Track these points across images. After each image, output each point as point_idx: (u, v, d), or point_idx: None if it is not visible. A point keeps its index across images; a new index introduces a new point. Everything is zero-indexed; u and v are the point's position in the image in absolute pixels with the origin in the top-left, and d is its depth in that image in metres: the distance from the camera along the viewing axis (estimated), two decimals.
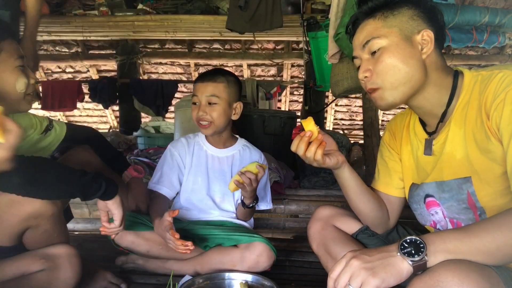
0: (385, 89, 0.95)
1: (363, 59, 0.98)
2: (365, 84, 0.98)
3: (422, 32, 0.93)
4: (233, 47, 5.65)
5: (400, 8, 0.95)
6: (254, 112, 2.62)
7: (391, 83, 0.94)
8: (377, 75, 0.94)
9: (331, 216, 1.22)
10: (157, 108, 4.90)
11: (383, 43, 0.94)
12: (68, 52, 5.75)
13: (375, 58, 0.95)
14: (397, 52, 0.92)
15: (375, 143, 2.31)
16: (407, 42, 0.93)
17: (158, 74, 6.24)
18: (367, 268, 0.73)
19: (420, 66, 0.93)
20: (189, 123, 2.22)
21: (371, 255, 0.75)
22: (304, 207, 1.83)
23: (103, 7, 3.95)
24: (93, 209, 1.92)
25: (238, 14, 3.29)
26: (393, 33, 0.93)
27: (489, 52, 5.24)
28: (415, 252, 0.72)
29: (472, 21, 3.67)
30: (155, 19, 3.92)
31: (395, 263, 0.73)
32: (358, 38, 0.99)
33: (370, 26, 0.97)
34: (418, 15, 0.95)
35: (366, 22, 0.98)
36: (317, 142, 0.99)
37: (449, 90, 0.95)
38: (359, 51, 0.99)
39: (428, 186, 1.04)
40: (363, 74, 0.97)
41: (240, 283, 1.22)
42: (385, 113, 6.40)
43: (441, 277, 0.69)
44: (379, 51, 0.94)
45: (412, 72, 0.93)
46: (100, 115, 6.93)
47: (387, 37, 0.93)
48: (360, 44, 0.98)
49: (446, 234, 0.75)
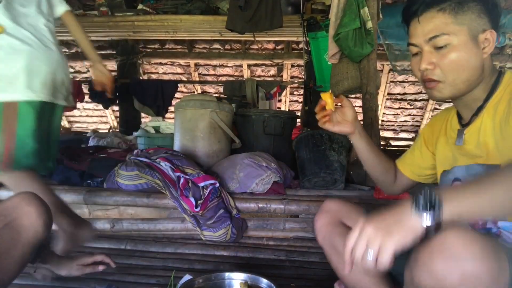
0: (446, 84, 0.97)
1: (426, 51, 0.98)
2: (425, 74, 0.99)
3: (487, 32, 0.95)
4: (233, 47, 5.65)
5: (469, 3, 0.95)
6: (254, 112, 2.62)
7: (453, 79, 0.96)
8: (441, 70, 0.96)
9: (339, 211, 1.22)
10: (157, 108, 4.90)
11: (453, 41, 0.94)
12: (68, 52, 5.74)
13: (441, 53, 0.96)
14: (465, 51, 0.94)
15: (375, 143, 2.31)
16: (474, 41, 0.94)
17: (158, 74, 6.24)
18: (382, 230, 0.72)
19: (481, 66, 0.96)
20: (189, 123, 2.22)
21: (384, 217, 0.75)
22: (304, 207, 1.83)
23: (103, 7, 3.95)
24: (93, 209, 1.93)
25: (238, 14, 3.30)
26: (463, 32, 0.94)
27: None
28: (430, 209, 0.71)
29: None
30: (155, 19, 3.92)
31: (409, 221, 0.72)
32: (423, 29, 0.97)
33: (439, 20, 0.95)
34: (484, 12, 0.95)
35: (433, 14, 0.96)
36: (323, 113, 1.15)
37: (490, 87, 0.99)
38: (421, 41, 0.98)
39: (458, 169, 1.08)
40: (426, 66, 0.97)
41: (240, 283, 1.22)
42: (385, 113, 6.40)
43: (447, 241, 0.69)
44: (446, 47, 0.95)
45: (473, 72, 0.96)
46: (100, 115, 6.93)
47: (456, 35, 0.94)
48: (425, 35, 0.97)
49: (462, 190, 0.75)
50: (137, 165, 1.86)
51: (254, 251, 1.74)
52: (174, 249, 1.76)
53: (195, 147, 2.19)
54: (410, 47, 1.03)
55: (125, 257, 1.67)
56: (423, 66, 0.98)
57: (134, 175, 1.85)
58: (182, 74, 6.21)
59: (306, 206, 1.83)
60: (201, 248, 1.75)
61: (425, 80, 1.00)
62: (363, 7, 2.30)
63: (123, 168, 1.89)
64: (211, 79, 6.21)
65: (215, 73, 6.15)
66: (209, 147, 2.20)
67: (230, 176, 1.95)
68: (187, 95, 4.95)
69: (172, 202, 1.77)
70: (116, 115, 6.65)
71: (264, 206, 1.82)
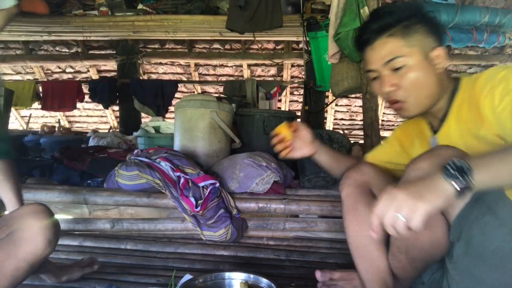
0: (411, 103, 1.05)
1: (385, 74, 1.05)
2: (390, 96, 1.06)
3: (437, 49, 1.02)
4: (233, 47, 5.65)
5: (415, 26, 1.02)
6: (254, 112, 2.62)
7: (416, 98, 1.04)
8: (403, 90, 1.03)
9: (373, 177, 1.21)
10: (157, 108, 4.90)
11: (408, 62, 1.01)
12: (68, 52, 5.75)
13: (400, 74, 1.03)
14: (421, 70, 1.01)
15: (375, 143, 2.30)
16: (427, 59, 1.02)
17: (158, 74, 6.24)
18: (413, 194, 0.73)
19: (438, 81, 1.04)
20: (189, 123, 2.22)
21: (414, 183, 0.76)
22: (304, 207, 1.83)
23: (103, 7, 3.95)
24: (93, 209, 1.93)
25: (238, 14, 3.30)
26: (415, 52, 1.01)
27: (489, 52, 5.23)
28: (460, 176, 0.73)
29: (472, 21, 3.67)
30: (155, 19, 3.92)
31: (441, 186, 0.74)
32: (377, 55, 1.05)
33: (391, 45, 1.02)
34: (430, 32, 1.03)
35: (385, 40, 1.03)
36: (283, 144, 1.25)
37: (450, 95, 1.06)
38: (379, 66, 1.05)
39: None
40: (389, 88, 1.04)
41: (240, 283, 1.22)
42: (385, 113, 6.41)
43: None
44: (403, 68, 1.02)
45: (433, 87, 1.03)
46: (100, 115, 6.93)
47: (410, 56, 1.01)
48: (381, 60, 1.04)
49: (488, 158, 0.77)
50: (137, 165, 1.86)
51: (254, 251, 1.74)
52: (174, 248, 1.76)
53: (195, 147, 2.19)
54: (369, 73, 1.11)
55: (125, 256, 1.68)
56: (386, 89, 1.05)
57: (134, 175, 1.85)
58: (182, 74, 6.21)
59: (306, 206, 1.83)
60: (201, 247, 1.75)
61: (391, 101, 1.07)
62: (363, 6, 2.29)
63: (123, 168, 1.89)
64: (211, 79, 6.21)
65: (215, 73, 6.15)
66: (209, 147, 2.20)
67: (230, 176, 1.95)
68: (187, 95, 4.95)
69: (172, 202, 1.77)
70: (116, 115, 6.65)
71: (264, 206, 1.82)
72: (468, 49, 5.31)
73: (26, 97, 5.23)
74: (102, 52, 5.71)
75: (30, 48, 5.64)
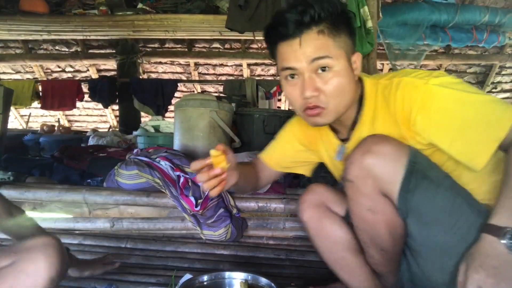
0: (330, 110, 0.97)
1: (308, 76, 0.94)
2: (310, 102, 0.96)
3: (355, 54, 0.98)
4: (233, 46, 5.64)
5: (341, 26, 0.95)
6: (254, 111, 2.62)
7: (336, 105, 0.97)
8: (326, 96, 0.95)
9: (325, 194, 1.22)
10: (157, 108, 4.90)
11: (334, 65, 0.94)
12: (68, 51, 5.74)
13: (324, 79, 0.94)
14: (345, 76, 0.95)
15: None
16: (349, 65, 0.97)
17: (157, 73, 6.24)
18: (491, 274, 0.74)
19: (354, 87, 1.00)
20: (189, 122, 2.22)
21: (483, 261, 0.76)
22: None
23: (103, 6, 3.95)
24: (92, 208, 1.92)
25: (238, 13, 3.29)
26: (342, 56, 0.95)
27: (489, 52, 5.24)
28: None
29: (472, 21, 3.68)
30: (155, 19, 3.92)
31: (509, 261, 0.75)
32: (304, 50, 0.92)
33: (321, 42, 0.92)
34: (350, 35, 0.97)
35: (314, 36, 0.92)
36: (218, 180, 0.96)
37: (358, 102, 1.03)
38: (303, 64, 0.93)
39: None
40: (311, 93, 0.94)
41: (240, 282, 1.22)
42: None
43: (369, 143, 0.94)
44: (328, 71, 0.94)
45: (352, 95, 0.99)
46: (100, 114, 6.92)
47: (338, 59, 0.94)
48: (306, 58, 0.93)
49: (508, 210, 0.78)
50: (137, 164, 1.86)
51: (254, 250, 1.74)
52: (174, 248, 1.76)
53: (195, 146, 2.19)
54: (283, 72, 0.98)
55: (125, 256, 1.68)
56: (308, 93, 0.94)
57: (134, 174, 1.85)
58: (182, 73, 6.21)
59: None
60: (201, 247, 1.75)
61: (309, 107, 0.97)
62: (363, 6, 2.29)
63: (123, 167, 1.89)
64: (211, 78, 6.20)
65: (215, 72, 6.15)
66: (209, 147, 2.20)
67: None
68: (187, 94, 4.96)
69: (172, 201, 1.77)
70: (116, 114, 6.64)
71: (264, 205, 1.82)
72: (468, 48, 5.31)
73: (25, 96, 5.23)
74: (101, 51, 5.71)
75: (29, 47, 5.64)
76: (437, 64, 5.59)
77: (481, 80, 5.85)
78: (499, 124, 0.83)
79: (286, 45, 0.95)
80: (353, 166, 0.93)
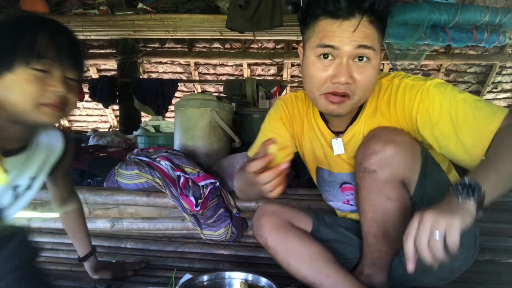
0: (354, 100, 0.97)
1: (347, 62, 0.92)
2: (340, 88, 0.94)
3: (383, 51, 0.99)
4: (233, 46, 5.64)
5: (385, 23, 0.95)
6: (254, 111, 2.62)
7: (360, 97, 0.97)
8: (357, 86, 0.94)
9: (283, 212, 1.19)
10: (157, 107, 4.90)
11: (374, 58, 0.93)
12: None
13: (360, 68, 0.92)
14: (377, 71, 0.97)
15: None
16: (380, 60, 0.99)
17: (158, 73, 6.24)
18: (445, 212, 0.72)
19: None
20: (189, 122, 2.22)
21: (438, 207, 0.75)
22: (304, 206, 1.83)
23: (103, 6, 3.95)
24: (93, 208, 1.92)
25: (238, 13, 3.29)
26: (379, 51, 0.95)
27: (489, 52, 5.23)
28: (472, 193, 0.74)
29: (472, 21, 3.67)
30: (155, 18, 3.91)
31: (463, 206, 0.73)
32: (354, 34, 0.89)
33: (370, 32, 0.91)
34: (383, 31, 0.96)
35: (366, 24, 0.90)
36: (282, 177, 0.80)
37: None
38: (349, 47, 0.90)
39: (346, 176, 1.17)
40: (347, 79, 0.92)
41: (240, 282, 1.22)
42: None
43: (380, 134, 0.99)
44: (367, 62, 0.93)
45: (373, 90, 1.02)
46: (100, 114, 6.92)
47: (377, 53, 0.94)
48: (355, 42, 0.90)
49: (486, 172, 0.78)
50: (137, 164, 1.86)
51: (254, 250, 1.74)
52: (174, 248, 1.76)
53: (195, 146, 2.19)
54: (319, 49, 0.93)
55: (125, 256, 1.68)
56: (344, 79, 0.91)
57: (134, 174, 1.85)
58: (182, 73, 6.21)
59: (307, 205, 1.83)
60: (201, 247, 1.75)
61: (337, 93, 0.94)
62: None
63: (123, 167, 1.89)
64: (211, 78, 6.20)
65: (215, 72, 6.15)
66: (209, 146, 2.20)
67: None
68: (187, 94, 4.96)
69: (172, 201, 1.77)
70: (116, 114, 6.64)
71: None
72: (468, 48, 5.30)
73: None
74: (102, 51, 5.71)
75: None
76: (438, 64, 5.58)
77: (481, 80, 5.85)
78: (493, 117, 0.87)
79: (334, 23, 0.91)
80: (375, 156, 0.95)
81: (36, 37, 0.85)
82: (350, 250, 1.21)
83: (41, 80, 0.86)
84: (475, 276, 1.42)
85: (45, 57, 0.86)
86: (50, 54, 0.87)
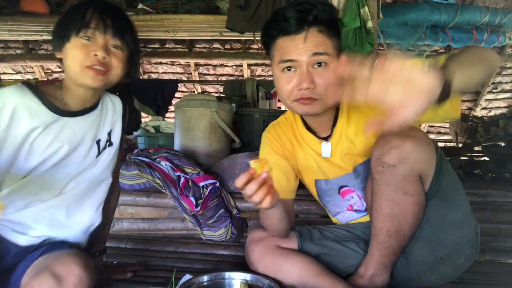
0: (322, 101, 1.06)
1: (306, 69, 1.03)
2: (305, 93, 1.05)
3: (343, 55, 1.07)
4: (233, 46, 5.64)
5: (335, 28, 1.06)
6: (254, 111, 2.62)
7: (327, 98, 1.06)
8: (321, 89, 1.04)
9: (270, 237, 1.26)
10: (157, 108, 4.89)
11: (330, 62, 1.04)
12: None
13: (319, 73, 1.04)
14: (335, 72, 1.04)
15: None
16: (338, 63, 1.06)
17: (158, 73, 6.24)
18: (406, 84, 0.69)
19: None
20: (189, 123, 2.22)
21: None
22: (304, 207, 1.83)
23: None
24: None
25: (238, 13, 3.29)
26: (335, 55, 1.06)
27: None
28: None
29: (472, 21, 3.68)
30: (155, 19, 3.91)
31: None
32: (306, 45, 1.03)
33: (320, 40, 1.04)
34: (339, 38, 1.09)
35: (315, 34, 1.03)
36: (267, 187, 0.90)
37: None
38: (305, 57, 1.03)
39: (340, 179, 1.22)
40: (308, 85, 1.03)
41: (240, 282, 1.22)
42: None
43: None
44: (324, 67, 1.04)
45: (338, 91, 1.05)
46: None
47: (332, 57, 1.05)
48: (308, 52, 1.03)
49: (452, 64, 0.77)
50: (137, 165, 1.86)
51: None
52: (174, 248, 1.76)
53: (195, 147, 2.19)
54: (281, 64, 1.07)
55: (125, 256, 1.68)
56: (305, 84, 1.03)
57: (135, 174, 1.85)
58: (182, 74, 6.21)
59: (306, 205, 1.83)
60: (201, 247, 1.75)
61: (303, 98, 1.06)
62: (363, 6, 2.30)
63: (123, 168, 1.89)
64: (211, 78, 6.21)
65: (215, 73, 6.15)
66: (209, 147, 2.20)
67: (230, 175, 1.95)
68: (187, 94, 4.96)
69: (172, 201, 1.77)
70: None
71: None
72: None
73: None
74: None
75: (30, 48, 5.64)
76: None
77: None
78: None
79: (288, 40, 1.05)
80: (395, 151, 0.97)
81: (85, 12, 1.04)
82: (339, 261, 1.23)
83: (86, 46, 1.04)
84: (475, 276, 1.42)
85: (90, 27, 1.03)
86: (93, 25, 1.04)
